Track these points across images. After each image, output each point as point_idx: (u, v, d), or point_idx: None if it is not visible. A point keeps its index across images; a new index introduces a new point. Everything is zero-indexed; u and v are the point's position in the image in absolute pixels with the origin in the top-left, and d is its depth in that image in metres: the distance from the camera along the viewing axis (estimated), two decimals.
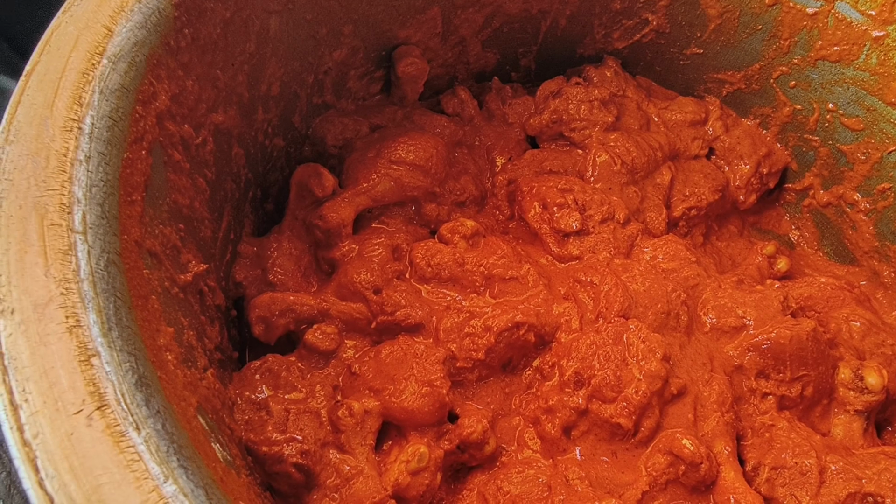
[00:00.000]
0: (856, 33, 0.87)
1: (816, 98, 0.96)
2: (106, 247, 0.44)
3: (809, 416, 0.82)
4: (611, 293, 0.82)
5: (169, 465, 0.36)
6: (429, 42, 1.00)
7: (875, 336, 0.87)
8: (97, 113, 0.50)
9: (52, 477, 0.34)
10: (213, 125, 0.71)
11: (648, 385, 0.74)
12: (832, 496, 0.71)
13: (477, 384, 0.80)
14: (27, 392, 0.36)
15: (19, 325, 0.38)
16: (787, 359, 0.80)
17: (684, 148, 1.06)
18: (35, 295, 0.40)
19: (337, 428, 0.71)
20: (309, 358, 0.79)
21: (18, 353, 0.37)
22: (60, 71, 0.51)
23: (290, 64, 0.84)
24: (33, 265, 0.41)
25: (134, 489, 0.34)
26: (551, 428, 0.75)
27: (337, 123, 0.95)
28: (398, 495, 0.68)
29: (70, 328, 0.39)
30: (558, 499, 0.69)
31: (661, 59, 1.09)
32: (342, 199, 0.86)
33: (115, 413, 0.36)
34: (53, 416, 0.36)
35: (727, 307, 0.85)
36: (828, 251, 1.04)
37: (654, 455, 0.73)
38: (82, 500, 0.33)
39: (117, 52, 0.54)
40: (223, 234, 0.78)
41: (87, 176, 0.46)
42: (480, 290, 0.84)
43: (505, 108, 1.07)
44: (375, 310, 0.80)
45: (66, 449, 0.35)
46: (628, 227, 0.93)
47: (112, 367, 0.38)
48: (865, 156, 0.92)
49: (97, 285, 0.42)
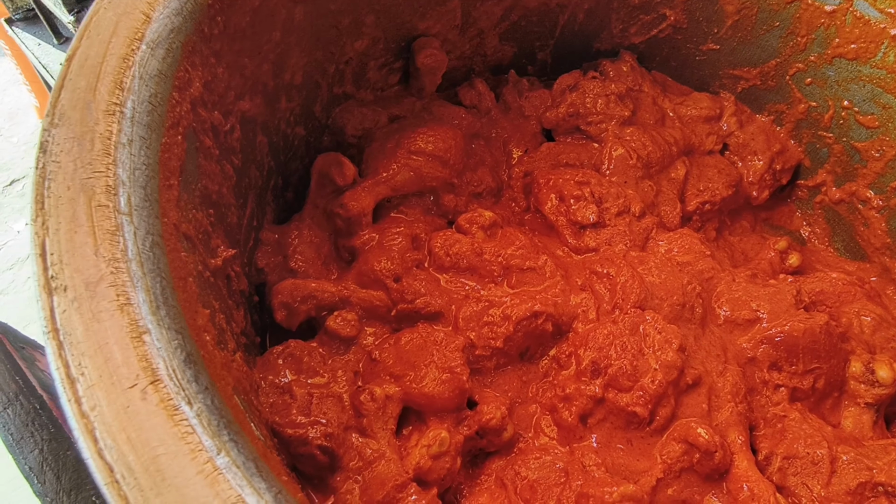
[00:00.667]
0: (874, 31, 0.88)
1: (832, 95, 0.97)
2: (150, 228, 0.46)
3: (820, 408, 0.84)
4: (627, 284, 0.83)
5: (221, 438, 0.37)
6: (448, 34, 1.01)
7: (886, 331, 0.88)
8: (138, 97, 0.51)
9: (110, 447, 0.35)
10: (241, 112, 0.72)
11: (664, 375, 0.75)
12: (843, 485, 0.72)
13: (495, 372, 0.81)
14: (83, 366, 0.37)
15: (72, 302, 0.40)
16: (799, 351, 0.82)
17: (699, 143, 1.07)
18: (86, 273, 0.41)
19: (359, 412, 0.73)
20: (330, 344, 0.80)
21: (73, 329, 0.39)
22: (101, 56, 0.51)
23: (312, 53, 0.85)
24: (83, 245, 0.42)
25: (189, 460, 0.35)
26: (568, 416, 0.77)
27: (356, 113, 0.96)
28: (419, 478, 0.69)
29: (121, 306, 0.40)
30: (575, 484, 0.71)
31: (678, 54, 1.10)
32: (362, 189, 0.87)
33: (167, 388, 0.38)
34: (109, 389, 0.37)
35: (741, 300, 0.86)
36: (839, 247, 1.05)
37: (669, 443, 0.74)
38: (141, 469, 0.34)
39: (155, 39, 0.55)
40: (247, 221, 0.79)
41: (130, 159, 0.47)
42: (498, 279, 0.85)
43: (521, 101, 1.08)
44: (395, 297, 0.81)
45: (123, 421, 0.36)
46: (644, 221, 0.94)
47: (162, 344, 0.39)
48: (880, 153, 0.93)
49: (144, 265, 0.43)
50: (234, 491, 0.35)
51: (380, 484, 0.67)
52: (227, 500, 0.34)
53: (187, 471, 0.35)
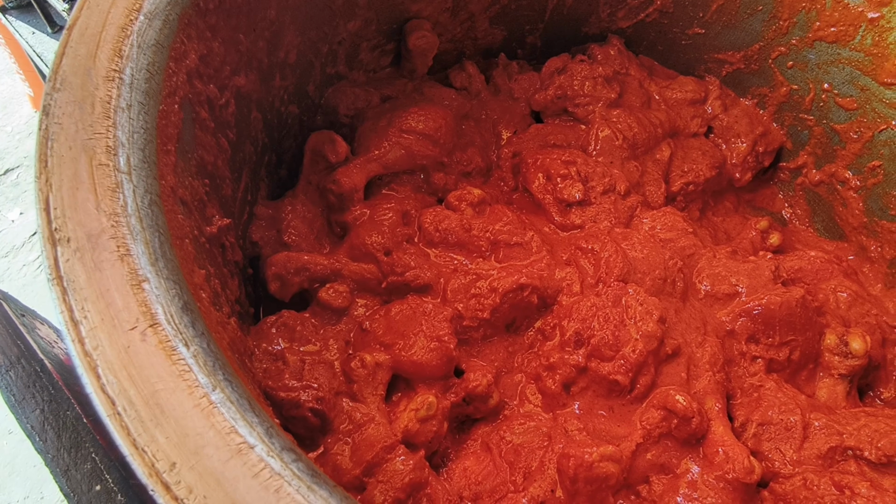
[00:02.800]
0: (852, 15, 0.91)
1: (812, 78, 1.00)
2: (148, 188, 0.48)
3: (796, 379, 0.87)
4: (611, 259, 0.86)
5: (216, 377, 0.39)
6: (439, 17, 1.03)
7: (860, 306, 0.91)
8: (136, 65, 0.53)
9: (112, 383, 0.37)
10: (236, 88, 0.74)
11: (645, 345, 0.78)
12: (814, 449, 0.76)
13: (482, 343, 0.84)
14: (86, 310, 0.40)
15: (75, 252, 0.42)
16: (776, 324, 0.85)
17: (684, 126, 1.09)
18: (88, 226, 0.43)
19: (350, 378, 0.75)
20: (322, 314, 0.82)
21: (76, 277, 0.41)
22: (101, 25, 0.54)
23: (306, 33, 0.87)
24: (85, 200, 0.44)
25: (187, 395, 0.38)
26: (552, 384, 0.80)
27: (349, 93, 0.98)
28: (407, 440, 0.72)
29: (121, 256, 0.42)
30: (557, 447, 0.73)
31: (664, 38, 1.12)
32: (355, 165, 0.89)
33: (165, 331, 0.40)
34: (111, 331, 0.39)
35: (721, 275, 0.89)
36: (818, 227, 1.08)
37: (648, 410, 0.77)
38: (141, 403, 0.37)
39: (153, 10, 0.57)
40: (241, 195, 0.81)
41: (129, 122, 0.50)
42: (486, 254, 0.88)
43: (511, 84, 1.10)
44: (386, 270, 0.84)
45: (124, 359, 0.38)
46: (628, 199, 0.97)
47: (161, 292, 0.42)
48: (858, 134, 0.96)
49: (143, 221, 0.45)
50: (228, 423, 0.37)
51: (369, 445, 0.70)
52: (222, 431, 0.37)
53: (185, 404, 0.37)
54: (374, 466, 0.69)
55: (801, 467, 0.75)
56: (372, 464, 0.69)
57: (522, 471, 0.74)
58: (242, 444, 0.37)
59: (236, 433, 0.37)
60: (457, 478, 0.74)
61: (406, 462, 0.69)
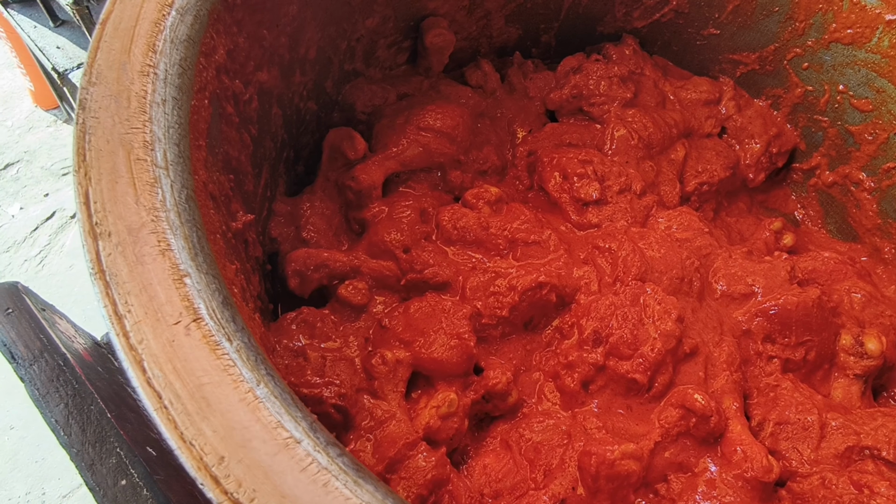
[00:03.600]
0: (869, 16, 0.91)
1: (828, 80, 1.00)
2: (185, 183, 0.48)
3: (811, 379, 0.87)
4: (628, 258, 0.86)
5: (259, 371, 0.39)
6: (455, 14, 1.03)
7: (875, 307, 0.92)
8: (169, 60, 0.53)
9: (158, 377, 0.38)
10: (259, 83, 0.74)
11: (663, 343, 0.78)
12: (832, 449, 0.76)
13: (500, 341, 0.84)
14: (129, 304, 0.40)
15: (116, 246, 0.42)
16: (792, 324, 0.85)
17: (698, 126, 1.10)
18: (128, 220, 0.43)
19: (370, 375, 0.75)
20: (341, 311, 0.82)
21: (118, 271, 0.41)
22: (134, 20, 0.54)
23: (326, 29, 0.87)
24: (124, 194, 0.44)
25: (232, 389, 0.38)
26: (570, 382, 0.80)
27: (366, 90, 0.98)
28: (429, 437, 0.72)
29: (162, 251, 0.43)
30: (577, 444, 0.74)
31: (679, 38, 1.13)
32: (373, 162, 0.89)
33: (209, 325, 0.40)
34: (155, 325, 0.39)
35: (737, 275, 0.89)
36: (831, 229, 1.08)
37: (666, 409, 0.78)
38: (187, 396, 0.37)
39: (184, 5, 0.57)
40: (262, 191, 0.81)
41: (164, 117, 0.50)
42: (504, 252, 0.88)
43: (526, 83, 1.10)
44: (405, 267, 0.84)
45: (169, 353, 0.38)
46: (644, 199, 0.97)
47: (202, 286, 0.42)
48: (873, 136, 0.97)
49: (181, 216, 0.45)
50: (274, 418, 0.37)
51: (391, 442, 0.70)
52: (269, 425, 0.37)
53: (230, 398, 0.37)
54: (396, 463, 0.69)
55: (818, 466, 0.75)
56: (394, 460, 0.69)
57: (543, 468, 0.74)
58: (289, 439, 0.37)
59: (283, 427, 0.37)
60: (477, 475, 0.74)
61: (428, 459, 0.69)
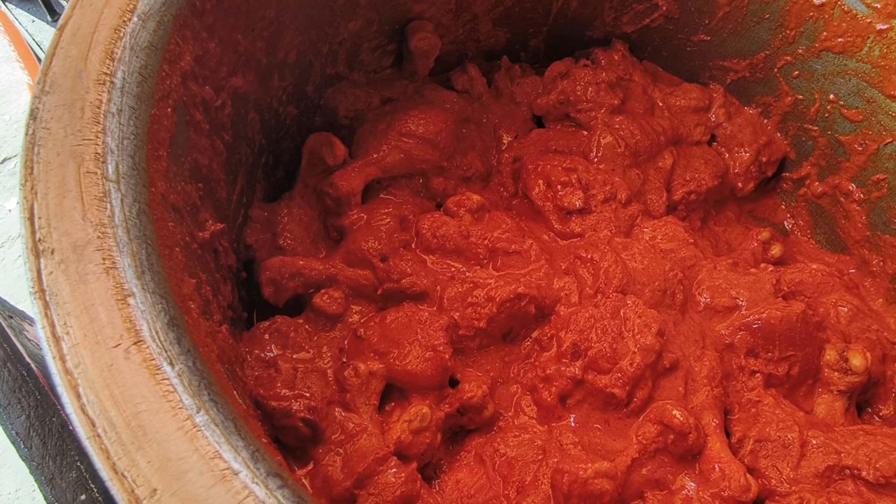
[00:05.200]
0: (860, 25, 0.90)
1: (818, 88, 0.99)
2: (137, 196, 0.47)
3: (794, 394, 0.86)
4: (610, 270, 0.84)
5: (201, 397, 0.38)
6: (442, 18, 1.01)
7: (861, 321, 0.90)
8: (128, 68, 0.52)
9: (93, 403, 0.36)
10: (233, 89, 0.73)
11: (643, 358, 0.77)
12: (812, 468, 0.75)
13: (478, 352, 0.83)
14: (68, 326, 0.39)
15: (59, 264, 0.41)
16: (776, 339, 0.84)
17: (687, 133, 1.08)
18: (74, 237, 0.42)
19: (343, 387, 0.74)
20: (316, 321, 0.81)
21: (59, 290, 0.40)
22: (93, 26, 0.52)
23: (306, 33, 0.85)
24: (71, 209, 0.43)
25: (170, 417, 0.36)
26: (548, 396, 0.78)
27: (349, 95, 0.96)
28: (400, 452, 0.71)
29: (107, 269, 0.41)
30: (552, 461, 0.72)
31: (669, 44, 1.11)
32: (353, 169, 0.88)
33: (150, 348, 0.39)
34: (93, 348, 0.38)
35: (721, 288, 0.88)
36: (820, 240, 1.07)
37: (645, 424, 0.76)
38: (122, 425, 0.36)
39: (147, 11, 0.55)
40: (237, 198, 0.80)
41: (119, 128, 0.48)
42: (484, 262, 0.87)
43: (513, 87, 1.09)
44: (382, 277, 0.83)
45: (107, 378, 0.37)
46: (629, 208, 0.95)
47: (146, 307, 0.41)
48: (863, 146, 0.95)
49: (130, 231, 0.44)
50: (212, 447, 0.36)
51: (361, 456, 0.69)
52: (206, 455, 0.36)
53: (168, 427, 0.36)
54: (365, 478, 0.68)
55: (797, 486, 0.74)
56: (363, 476, 0.68)
57: (516, 485, 0.73)
58: (227, 470, 0.35)
59: (220, 458, 0.36)
60: (449, 491, 0.73)
61: (398, 475, 0.68)
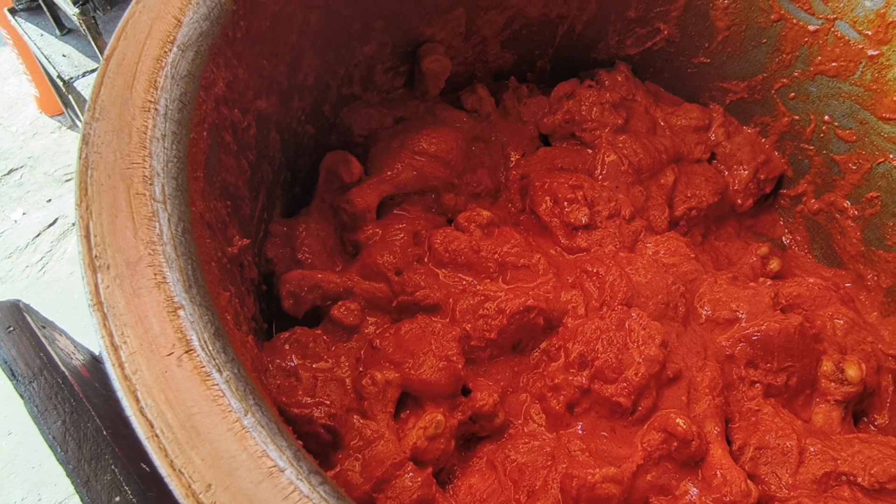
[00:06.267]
0: (853, 51, 0.94)
1: (813, 110, 1.03)
2: (182, 216, 0.50)
3: (793, 404, 0.89)
4: (615, 283, 0.88)
5: (247, 402, 0.41)
6: (452, 40, 1.06)
7: (857, 334, 0.94)
8: (170, 96, 0.55)
9: (150, 406, 0.40)
10: (257, 111, 0.77)
11: (647, 368, 0.80)
12: (809, 474, 0.78)
13: (488, 363, 0.86)
14: (125, 336, 0.42)
15: (115, 279, 0.44)
16: (775, 350, 0.87)
17: (688, 152, 1.12)
18: (127, 254, 0.45)
19: (360, 395, 0.77)
20: (334, 332, 0.85)
21: (115, 303, 0.43)
22: (137, 56, 0.56)
23: (324, 56, 0.89)
24: (123, 228, 0.47)
25: (221, 419, 0.40)
26: (556, 404, 0.82)
27: (363, 114, 1.00)
28: (416, 458, 0.74)
29: (158, 283, 0.45)
30: (561, 466, 0.76)
31: (670, 66, 1.15)
32: (368, 186, 0.92)
33: (200, 357, 0.42)
34: (149, 356, 0.42)
35: (722, 301, 0.91)
36: (817, 254, 1.11)
37: (649, 432, 0.80)
38: (178, 426, 0.39)
39: (186, 42, 0.59)
40: (258, 214, 0.84)
41: (164, 152, 0.52)
42: (494, 275, 0.90)
43: (520, 107, 1.13)
44: (397, 290, 0.86)
45: (162, 384, 0.41)
46: (633, 224, 0.99)
47: (195, 318, 0.44)
48: (857, 166, 0.99)
49: (177, 248, 0.47)
50: (260, 447, 0.40)
51: (379, 462, 0.72)
52: (254, 454, 0.39)
53: (219, 428, 0.40)
54: (383, 482, 0.71)
55: (796, 491, 0.77)
56: (381, 480, 0.71)
57: (526, 489, 0.76)
58: (273, 468, 0.39)
59: (267, 457, 0.39)
60: (462, 495, 0.76)
61: (414, 479, 0.71)
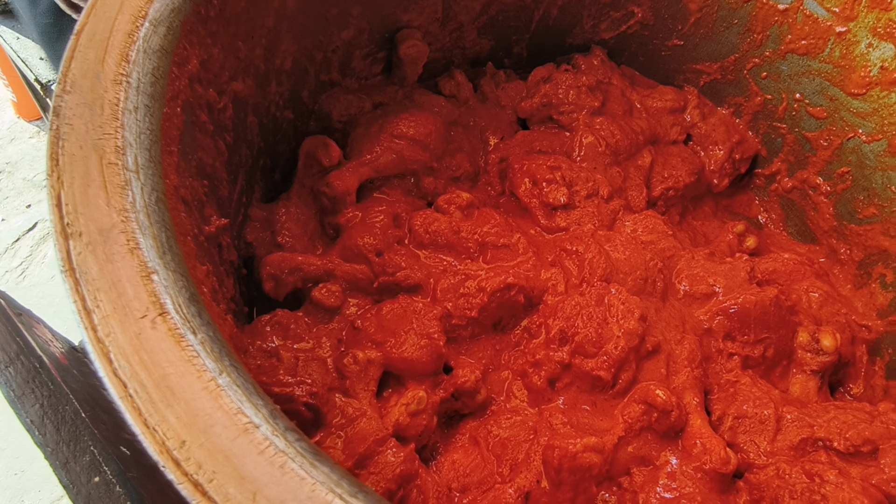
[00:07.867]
0: (821, 28, 0.96)
1: (785, 88, 1.05)
2: (155, 186, 0.50)
3: (770, 375, 0.91)
4: (594, 260, 0.89)
5: (222, 362, 0.42)
6: (429, 26, 1.06)
7: (831, 306, 0.96)
8: (142, 69, 0.55)
9: (124, 367, 0.40)
10: (234, 93, 0.77)
11: (626, 342, 0.81)
12: (787, 441, 0.79)
13: (470, 341, 0.87)
14: (98, 300, 0.42)
15: (87, 245, 0.44)
16: (751, 323, 0.89)
17: (664, 133, 1.14)
18: (99, 221, 0.45)
19: (342, 374, 0.78)
20: (315, 313, 0.85)
21: (88, 269, 0.43)
22: (108, 31, 0.56)
23: (302, 41, 0.89)
24: (96, 197, 0.47)
25: (195, 379, 0.40)
26: (537, 380, 0.83)
27: (342, 100, 1.01)
28: (398, 434, 0.75)
29: (131, 249, 0.45)
30: (543, 439, 0.76)
31: (645, 49, 1.17)
32: (347, 169, 0.92)
33: (174, 319, 0.42)
34: (122, 319, 0.42)
35: (699, 276, 0.93)
36: (791, 231, 1.13)
37: (630, 404, 0.81)
38: (152, 386, 0.39)
39: (157, 17, 0.59)
40: (237, 197, 0.84)
41: (136, 124, 0.52)
42: (474, 255, 0.91)
43: (498, 92, 1.14)
44: (377, 271, 0.86)
45: (135, 345, 0.41)
46: (611, 203, 1.00)
47: (169, 283, 0.44)
48: (828, 142, 1.01)
49: (150, 217, 0.48)
50: (235, 404, 0.40)
51: (361, 439, 0.72)
52: (230, 412, 0.39)
53: (194, 387, 0.40)
54: (366, 459, 0.71)
55: (774, 458, 0.78)
56: (364, 456, 0.71)
57: (509, 463, 0.76)
58: (248, 424, 0.39)
59: (243, 413, 0.39)
60: (446, 470, 0.77)
61: (397, 454, 0.71)
